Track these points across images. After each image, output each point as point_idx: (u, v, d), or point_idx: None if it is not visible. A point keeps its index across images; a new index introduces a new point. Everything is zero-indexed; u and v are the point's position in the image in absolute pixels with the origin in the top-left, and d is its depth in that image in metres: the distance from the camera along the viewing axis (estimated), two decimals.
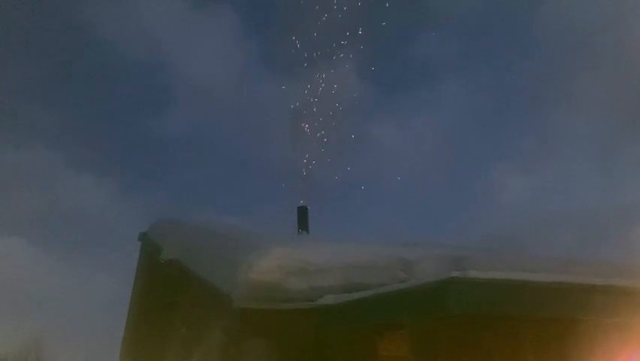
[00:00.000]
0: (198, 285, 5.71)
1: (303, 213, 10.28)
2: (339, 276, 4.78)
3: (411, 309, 3.84)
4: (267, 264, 4.62)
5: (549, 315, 3.67)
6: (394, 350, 4.32)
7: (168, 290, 7.32)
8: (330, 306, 4.49)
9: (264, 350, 4.73)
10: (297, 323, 4.59)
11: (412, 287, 3.92)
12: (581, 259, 4.64)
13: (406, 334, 4.12)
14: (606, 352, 3.75)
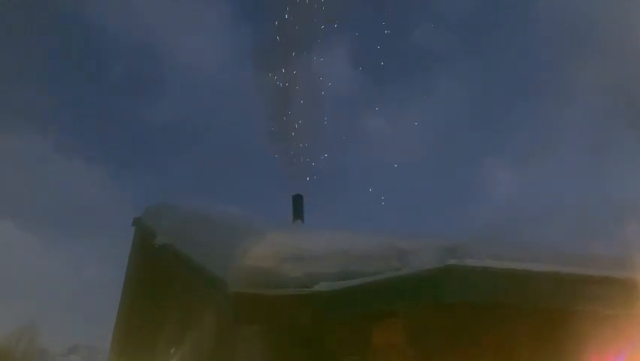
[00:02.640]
0: (192, 270, 5.69)
1: (298, 201, 10.25)
2: (334, 263, 4.76)
3: (407, 297, 3.83)
4: (263, 250, 4.60)
5: (546, 305, 3.67)
6: (389, 338, 4.30)
7: (162, 275, 7.30)
8: (325, 293, 4.47)
9: (257, 335, 4.72)
10: (291, 310, 4.56)
11: (408, 275, 3.90)
12: (576, 252, 4.64)
13: (402, 322, 4.10)
14: (601, 342, 3.75)
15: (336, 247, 4.91)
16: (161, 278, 7.37)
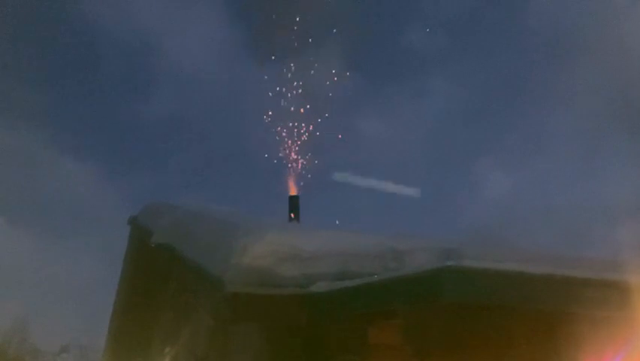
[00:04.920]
0: (189, 269, 5.68)
1: (294, 202, 10.28)
2: (331, 263, 4.76)
3: (405, 297, 3.82)
4: (261, 249, 4.59)
5: (543, 306, 3.68)
6: (386, 338, 4.31)
7: (158, 274, 7.28)
8: (322, 293, 4.47)
9: (254, 335, 4.71)
10: (289, 309, 4.57)
11: (406, 275, 3.90)
12: (573, 253, 4.66)
13: (399, 322, 4.11)
14: (598, 344, 3.77)
15: (333, 247, 4.91)
16: (157, 277, 7.35)
